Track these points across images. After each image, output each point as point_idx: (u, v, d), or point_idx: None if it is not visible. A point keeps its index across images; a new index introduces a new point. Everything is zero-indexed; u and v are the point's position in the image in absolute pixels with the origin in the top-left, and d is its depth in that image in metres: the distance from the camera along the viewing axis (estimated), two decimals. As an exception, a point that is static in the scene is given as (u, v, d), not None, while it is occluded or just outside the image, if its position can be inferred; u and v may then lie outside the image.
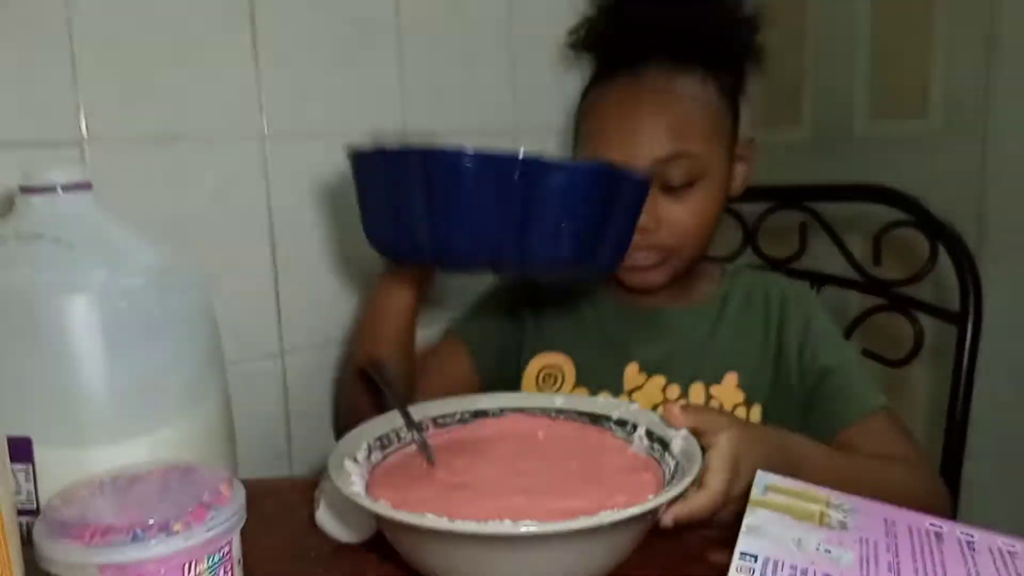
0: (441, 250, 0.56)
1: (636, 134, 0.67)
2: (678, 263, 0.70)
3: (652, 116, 0.67)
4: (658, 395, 0.72)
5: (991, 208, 1.19)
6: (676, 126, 0.67)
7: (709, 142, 0.68)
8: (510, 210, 0.53)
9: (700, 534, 0.54)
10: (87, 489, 0.42)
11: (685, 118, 0.67)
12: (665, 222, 0.68)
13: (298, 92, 0.82)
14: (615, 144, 0.67)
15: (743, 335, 0.73)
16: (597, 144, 0.69)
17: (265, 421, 0.85)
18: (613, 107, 0.69)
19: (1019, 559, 0.39)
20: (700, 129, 0.67)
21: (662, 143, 0.66)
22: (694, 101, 0.68)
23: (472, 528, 0.41)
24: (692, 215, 0.68)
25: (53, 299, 0.48)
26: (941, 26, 1.24)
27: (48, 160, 0.67)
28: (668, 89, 0.68)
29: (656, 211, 0.67)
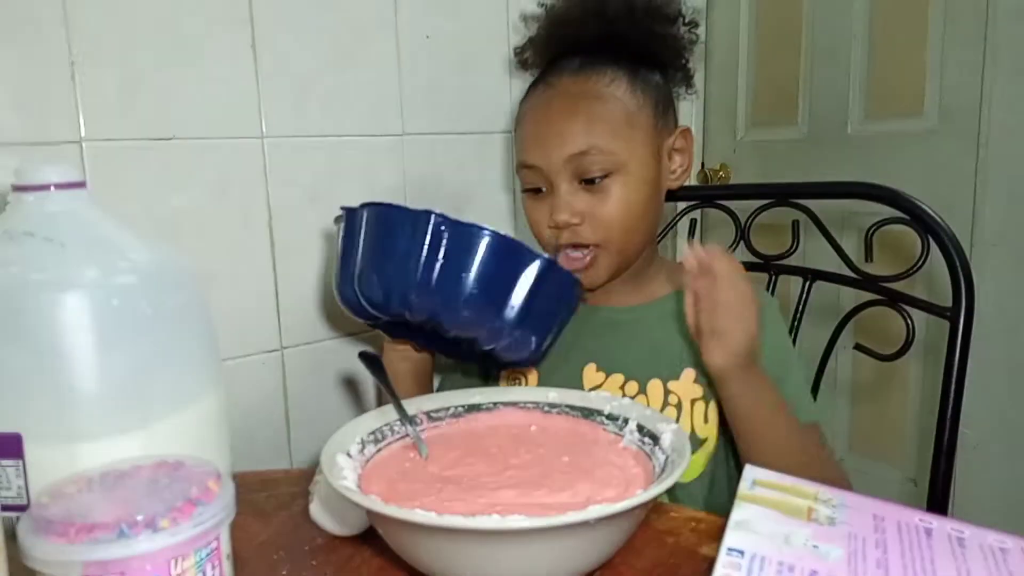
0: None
1: (549, 136, 0.71)
2: (610, 258, 0.73)
3: (561, 118, 0.71)
4: (616, 392, 0.73)
5: (984, 205, 1.19)
6: (584, 125, 0.70)
7: (623, 138, 0.71)
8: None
9: (691, 528, 0.54)
10: (75, 485, 0.41)
11: (593, 116, 0.71)
12: (588, 216, 0.71)
13: (297, 92, 0.82)
14: (533, 147, 0.73)
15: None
16: (522, 151, 0.75)
17: (265, 416, 0.85)
18: (529, 114, 0.75)
19: (1010, 556, 0.39)
20: (610, 126, 0.71)
21: (572, 141, 0.70)
22: (602, 100, 0.71)
23: (460, 523, 0.41)
24: (613, 207, 0.71)
25: (44, 297, 0.48)
26: (936, 26, 1.24)
27: (45, 159, 0.67)
28: (576, 92, 0.72)
29: (575, 206, 0.71)
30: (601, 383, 0.74)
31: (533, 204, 0.75)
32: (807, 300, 0.89)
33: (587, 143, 0.70)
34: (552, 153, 0.71)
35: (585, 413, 0.61)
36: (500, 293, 0.61)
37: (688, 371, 0.72)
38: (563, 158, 0.70)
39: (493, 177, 1.01)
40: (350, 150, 0.87)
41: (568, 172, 0.71)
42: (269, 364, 0.84)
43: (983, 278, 1.04)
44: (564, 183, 0.71)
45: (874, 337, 0.85)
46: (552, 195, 0.72)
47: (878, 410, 1.38)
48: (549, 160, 0.71)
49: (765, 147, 1.52)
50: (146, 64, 0.73)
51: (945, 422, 0.75)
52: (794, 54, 1.44)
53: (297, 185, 0.84)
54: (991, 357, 1.14)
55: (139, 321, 0.50)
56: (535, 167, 0.72)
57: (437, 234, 0.61)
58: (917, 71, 1.26)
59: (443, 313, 0.62)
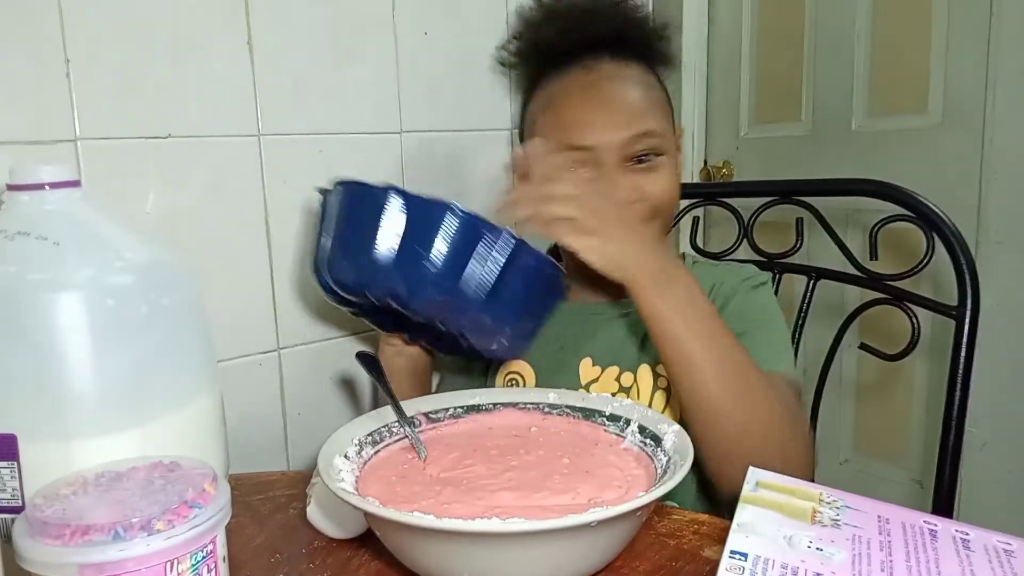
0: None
1: (605, 117, 0.71)
2: (660, 227, 0.74)
3: (615, 99, 0.72)
4: (613, 385, 0.73)
5: (989, 202, 1.18)
6: (641, 105, 0.72)
7: (664, 124, 0.73)
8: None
9: (694, 530, 0.54)
10: (70, 487, 0.41)
11: (644, 100, 0.73)
12: (640, 192, 0.71)
13: (294, 90, 0.82)
14: (585, 128, 0.71)
15: None
16: (571, 133, 0.72)
17: (262, 418, 0.84)
18: (574, 96, 0.73)
19: (1015, 557, 0.38)
20: (657, 112, 0.73)
21: (634, 121, 0.71)
22: (645, 87, 0.74)
23: (460, 526, 0.40)
24: (665, 184, 0.72)
25: (39, 296, 0.47)
26: (940, 21, 1.23)
27: (40, 158, 0.67)
28: (622, 76, 0.73)
29: (631, 183, 0.71)
30: (597, 377, 0.74)
31: None
32: (811, 299, 0.88)
33: (645, 125, 0.71)
34: (611, 135, 0.70)
35: (586, 414, 0.61)
36: (462, 271, 0.59)
37: None
38: (624, 138, 0.70)
39: (493, 175, 1.00)
40: (348, 148, 0.87)
41: (622, 153, 0.71)
42: (266, 365, 0.84)
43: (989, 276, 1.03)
44: (616, 165, 0.71)
45: (879, 336, 0.84)
46: (601, 176, 0.71)
47: (883, 410, 1.37)
48: (609, 140, 0.70)
49: (768, 144, 1.51)
50: (141, 62, 0.72)
51: (951, 422, 0.75)
52: (797, 50, 1.43)
53: (294, 183, 0.83)
54: (997, 356, 1.13)
55: (134, 321, 0.50)
56: (589, 148, 0.70)
57: (396, 210, 0.60)
58: (921, 67, 1.25)
59: (405, 294, 0.61)
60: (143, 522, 0.37)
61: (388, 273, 0.60)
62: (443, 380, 0.85)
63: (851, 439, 1.42)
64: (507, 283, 0.60)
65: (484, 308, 0.60)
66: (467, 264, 0.59)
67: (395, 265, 0.60)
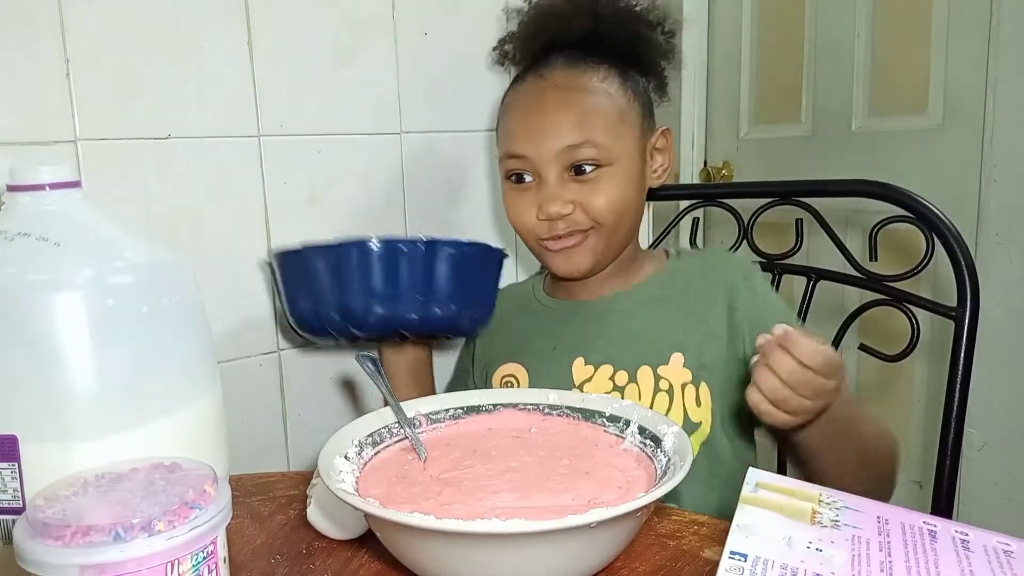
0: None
1: (543, 127, 0.72)
2: (599, 241, 0.74)
3: (557, 109, 0.72)
4: (607, 383, 0.73)
5: (989, 202, 1.18)
6: (580, 117, 0.71)
7: (614, 133, 0.72)
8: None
9: (694, 531, 0.54)
10: (71, 488, 0.41)
11: (588, 110, 0.72)
12: (579, 204, 0.72)
13: (293, 90, 0.82)
14: (523, 138, 0.73)
15: (686, 316, 0.74)
16: (511, 141, 0.74)
17: (262, 418, 0.84)
18: (521, 105, 0.75)
19: (1015, 558, 0.38)
20: (604, 120, 0.72)
21: (568, 133, 0.71)
22: (596, 95, 0.72)
23: (460, 527, 0.40)
24: (605, 196, 0.72)
25: (39, 297, 0.47)
26: (939, 21, 1.23)
27: (40, 159, 0.67)
28: (571, 85, 0.73)
29: (568, 196, 0.72)
30: (590, 376, 0.74)
31: (516, 194, 0.75)
32: (811, 300, 0.88)
33: (582, 136, 0.70)
34: (545, 144, 0.71)
35: (586, 415, 0.61)
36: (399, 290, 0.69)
37: (676, 355, 0.72)
38: (557, 149, 0.71)
39: (492, 174, 1.00)
40: (348, 148, 0.87)
41: (559, 163, 0.71)
42: (266, 365, 0.84)
43: (988, 277, 1.03)
44: (553, 174, 0.72)
45: (878, 337, 0.85)
46: (540, 186, 0.73)
47: (883, 411, 1.37)
48: (541, 151, 0.71)
49: (768, 145, 1.51)
50: (141, 63, 0.72)
51: (950, 423, 0.75)
52: (797, 51, 1.43)
53: (294, 184, 0.83)
54: (997, 357, 1.13)
55: (135, 321, 0.50)
56: (524, 157, 0.72)
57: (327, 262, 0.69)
58: (921, 67, 1.25)
59: (365, 330, 0.70)
60: (144, 523, 0.37)
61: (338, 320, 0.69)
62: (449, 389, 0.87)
63: (851, 439, 1.42)
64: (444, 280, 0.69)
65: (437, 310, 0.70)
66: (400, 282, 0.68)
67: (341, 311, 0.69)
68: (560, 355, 0.76)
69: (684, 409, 0.71)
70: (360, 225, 0.88)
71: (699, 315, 0.74)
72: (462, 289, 0.71)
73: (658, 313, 0.75)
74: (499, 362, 0.80)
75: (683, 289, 0.76)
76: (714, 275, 0.76)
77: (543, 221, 0.73)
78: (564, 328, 0.77)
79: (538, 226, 0.74)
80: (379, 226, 0.90)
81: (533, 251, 0.78)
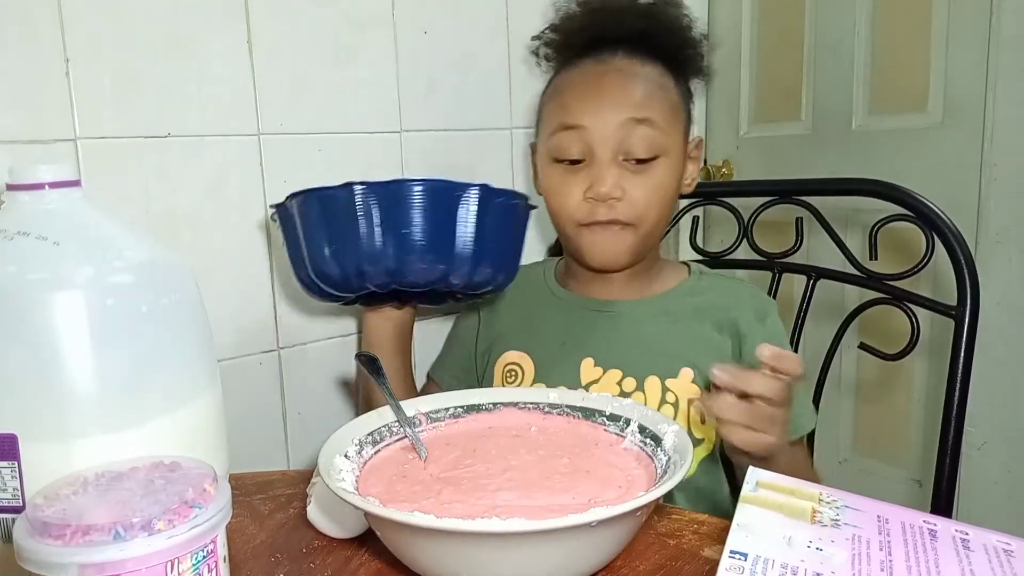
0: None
1: (604, 98, 0.70)
2: (637, 240, 0.72)
3: (620, 85, 0.71)
4: (614, 387, 0.73)
5: (989, 202, 1.18)
6: (641, 96, 0.70)
7: (670, 122, 0.72)
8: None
9: (694, 530, 0.54)
10: (70, 487, 0.41)
11: (649, 92, 0.71)
12: (627, 194, 0.70)
13: (293, 89, 0.82)
14: (582, 109, 0.70)
15: (700, 335, 0.74)
16: (567, 113, 0.72)
17: (262, 417, 0.84)
18: (579, 82, 0.73)
19: (1015, 557, 0.38)
20: (662, 107, 0.71)
21: (631, 106, 0.69)
22: (656, 85, 0.72)
23: (460, 526, 0.40)
24: (652, 190, 0.71)
25: (39, 296, 0.47)
26: (940, 20, 1.23)
27: (40, 157, 0.67)
28: (632, 71, 0.72)
29: (620, 183, 0.70)
30: (598, 378, 0.73)
31: (563, 175, 0.72)
32: (811, 298, 0.88)
33: (645, 112, 0.69)
34: (607, 115, 0.69)
35: (586, 414, 0.61)
36: (447, 235, 0.64)
37: (686, 370, 0.72)
38: (619, 121, 0.69)
39: (492, 174, 1.00)
40: (348, 147, 0.87)
41: (616, 142, 0.69)
42: (266, 364, 0.84)
43: (988, 275, 1.03)
44: (608, 154, 0.70)
45: (878, 336, 0.85)
46: (591, 166, 0.70)
47: (882, 410, 1.37)
48: (603, 122, 0.69)
49: (768, 143, 1.51)
50: (141, 61, 0.72)
51: (950, 421, 0.75)
52: (797, 49, 1.43)
53: (294, 183, 0.82)
54: (996, 355, 1.13)
55: (134, 320, 0.50)
56: (583, 128, 0.70)
57: (365, 201, 0.62)
58: (921, 66, 1.25)
59: (401, 273, 0.64)
60: (143, 522, 0.37)
61: (382, 262, 0.63)
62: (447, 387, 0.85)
63: (850, 439, 1.42)
64: (491, 230, 0.65)
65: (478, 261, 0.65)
66: (454, 228, 0.64)
67: (384, 252, 0.63)
68: (569, 352, 0.75)
69: (688, 424, 0.71)
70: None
71: (712, 339, 0.74)
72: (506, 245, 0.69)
73: (674, 326, 0.74)
74: (504, 347, 0.78)
75: (702, 309, 0.75)
76: (735, 306, 0.75)
77: (587, 202, 0.70)
78: (576, 324, 0.76)
79: (580, 207, 0.71)
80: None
81: (568, 238, 0.75)
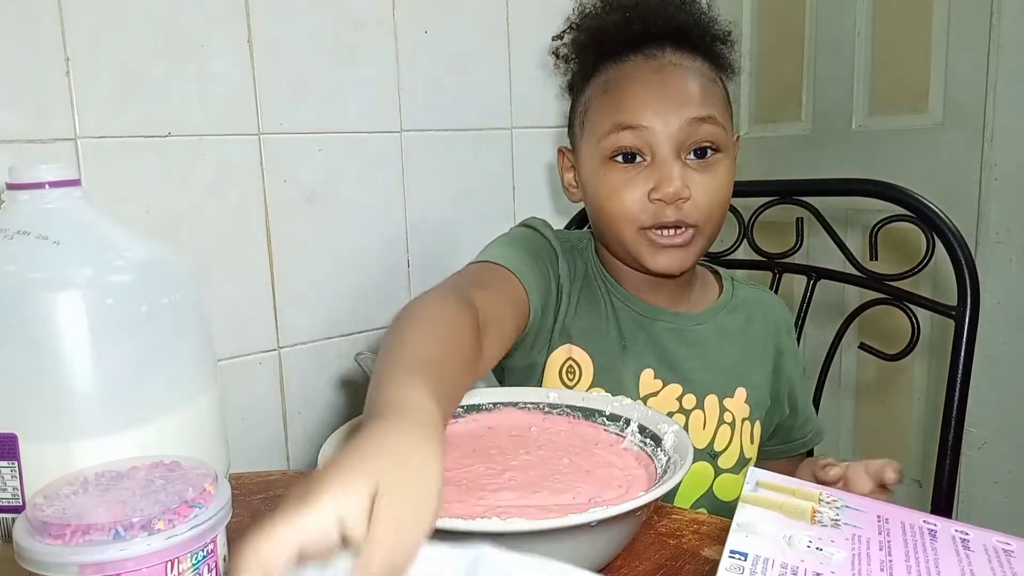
0: None
1: (667, 97, 0.66)
2: (703, 243, 0.69)
3: (680, 84, 0.67)
4: (673, 403, 0.71)
5: (989, 202, 1.18)
6: (701, 93, 0.67)
7: (726, 119, 0.69)
8: None
9: (694, 530, 0.54)
10: (70, 486, 0.41)
11: (706, 88, 0.68)
12: (692, 195, 0.66)
13: (294, 89, 0.82)
14: (643, 107, 0.66)
15: (748, 351, 0.74)
16: (625, 112, 0.67)
17: (262, 417, 0.84)
18: (637, 77, 0.68)
19: (1014, 557, 0.38)
20: (718, 102, 0.68)
21: (695, 105, 0.66)
22: (709, 79, 0.69)
23: (460, 525, 0.40)
24: (715, 190, 0.67)
25: (39, 296, 0.47)
26: (940, 20, 1.23)
27: (40, 157, 0.67)
28: (688, 66, 0.69)
29: (688, 180, 0.65)
30: (657, 391, 0.71)
31: (623, 175, 0.67)
32: (811, 299, 0.88)
33: (707, 110, 0.66)
34: (670, 115, 0.65)
35: (586, 414, 0.61)
36: None
37: (741, 390, 0.72)
38: (682, 121, 0.65)
39: (492, 174, 1.00)
40: (348, 147, 0.87)
41: (678, 141, 0.65)
42: (266, 364, 0.84)
43: (988, 276, 1.03)
44: (671, 152, 0.66)
45: (879, 336, 0.85)
46: (654, 166, 0.66)
47: (882, 410, 1.37)
48: (666, 121, 0.65)
49: (768, 143, 1.51)
50: (141, 60, 0.72)
51: (950, 421, 0.75)
52: (797, 49, 1.43)
53: (295, 182, 0.83)
54: (996, 356, 1.13)
55: (134, 320, 0.50)
56: (642, 128, 0.66)
57: None
58: (922, 66, 1.25)
59: None
60: (144, 522, 0.37)
61: None
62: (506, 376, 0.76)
63: (850, 439, 1.42)
64: None
65: None
66: None
67: None
68: (629, 359, 0.71)
69: (741, 445, 0.71)
70: (360, 224, 0.88)
71: (758, 354, 0.75)
72: None
73: (730, 343, 0.73)
74: (563, 338, 0.71)
75: (749, 325, 0.75)
76: (772, 321, 0.76)
77: (654, 204, 0.65)
78: (635, 328, 0.71)
79: (645, 211, 0.66)
80: (379, 224, 0.90)
81: (625, 242, 0.68)
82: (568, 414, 0.61)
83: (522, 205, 1.03)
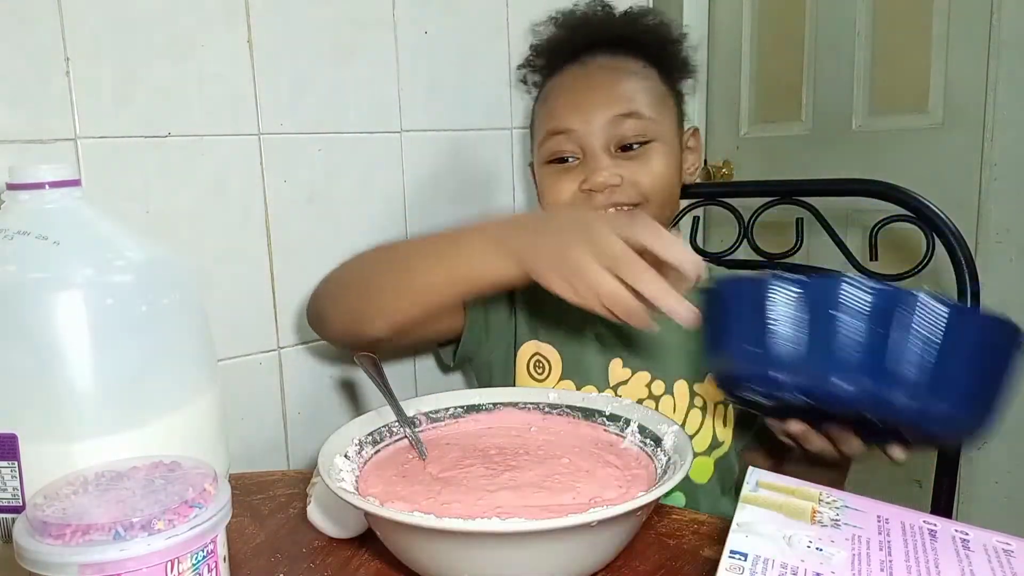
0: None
1: (590, 100, 0.71)
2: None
3: (604, 84, 0.72)
4: (643, 390, 0.72)
5: (989, 202, 1.18)
6: (625, 91, 0.71)
7: (657, 110, 0.72)
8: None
9: (693, 530, 0.54)
10: (70, 486, 0.41)
11: (633, 86, 0.72)
12: (625, 180, 0.70)
13: (294, 89, 0.82)
14: (570, 112, 0.71)
15: None
16: (554, 118, 0.73)
17: (262, 417, 0.84)
18: (567, 86, 0.74)
19: (1015, 558, 0.38)
20: (647, 98, 0.72)
21: (615, 103, 0.70)
22: (639, 77, 0.73)
23: (460, 526, 0.40)
24: (650, 173, 0.71)
25: (39, 296, 0.47)
26: (940, 21, 1.23)
27: (40, 157, 0.67)
28: (614, 66, 0.74)
29: (616, 171, 0.70)
30: (627, 379, 0.73)
31: (557, 175, 0.73)
32: (810, 298, 0.88)
33: (629, 107, 0.70)
34: (592, 116, 0.70)
35: (585, 414, 0.61)
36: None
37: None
38: (605, 120, 0.70)
39: (493, 174, 1.00)
40: (348, 147, 0.87)
41: (605, 137, 0.70)
42: (266, 364, 0.84)
43: (988, 277, 1.03)
44: (600, 149, 0.70)
45: (878, 336, 0.84)
46: (585, 163, 0.71)
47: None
48: (588, 123, 0.70)
49: (768, 144, 1.51)
50: (141, 61, 0.72)
51: (950, 421, 0.75)
52: (797, 49, 1.43)
53: (295, 183, 0.83)
54: (996, 355, 1.13)
55: (134, 320, 0.50)
56: (571, 131, 0.71)
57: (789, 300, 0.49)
58: (921, 66, 1.25)
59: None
60: (143, 522, 0.37)
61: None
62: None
63: (850, 439, 1.42)
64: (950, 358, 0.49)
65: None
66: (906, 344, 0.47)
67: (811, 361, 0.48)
68: (596, 351, 0.74)
69: (713, 427, 0.72)
70: (360, 224, 0.88)
71: None
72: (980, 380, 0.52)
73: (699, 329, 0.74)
74: (527, 336, 0.76)
75: None
76: None
77: (584, 193, 0.70)
78: (601, 321, 0.72)
79: (576, 199, 0.71)
80: (379, 224, 0.90)
81: None
82: (568, 414, 0.62)
83: (522, 205, 1.03)
